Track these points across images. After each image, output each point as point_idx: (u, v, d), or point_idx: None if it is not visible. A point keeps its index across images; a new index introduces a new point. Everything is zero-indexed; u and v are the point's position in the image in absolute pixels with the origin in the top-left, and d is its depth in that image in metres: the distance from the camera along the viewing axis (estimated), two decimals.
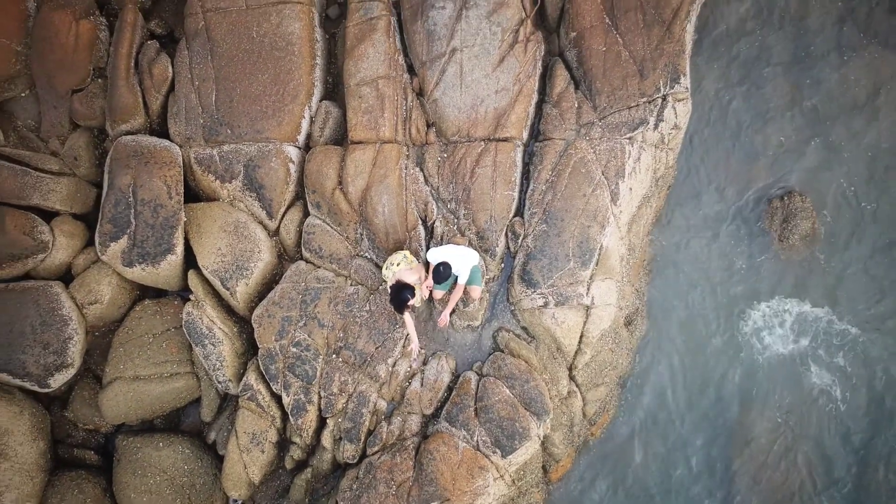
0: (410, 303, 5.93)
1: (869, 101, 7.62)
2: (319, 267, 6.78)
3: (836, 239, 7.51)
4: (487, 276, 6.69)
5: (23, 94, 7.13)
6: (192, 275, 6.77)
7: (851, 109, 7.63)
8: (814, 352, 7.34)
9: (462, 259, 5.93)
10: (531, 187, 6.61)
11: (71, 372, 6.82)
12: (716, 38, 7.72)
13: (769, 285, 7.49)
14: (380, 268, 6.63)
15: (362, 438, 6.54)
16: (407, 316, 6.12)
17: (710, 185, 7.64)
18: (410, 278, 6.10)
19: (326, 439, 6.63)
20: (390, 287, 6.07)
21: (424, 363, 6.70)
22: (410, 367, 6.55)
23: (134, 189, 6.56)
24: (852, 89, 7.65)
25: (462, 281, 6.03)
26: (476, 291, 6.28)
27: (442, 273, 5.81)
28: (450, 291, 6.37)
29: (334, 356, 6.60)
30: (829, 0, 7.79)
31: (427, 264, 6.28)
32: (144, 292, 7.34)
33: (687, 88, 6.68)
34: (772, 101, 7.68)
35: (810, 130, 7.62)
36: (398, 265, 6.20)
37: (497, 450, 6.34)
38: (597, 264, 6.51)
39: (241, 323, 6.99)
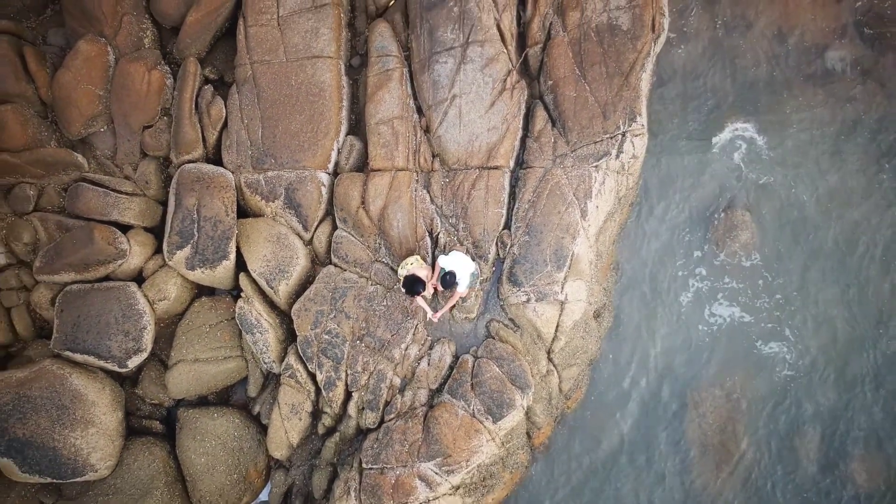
0: (421, 293, 7.50)
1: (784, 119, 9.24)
2: (346, 270, 8.38)
3: (770, 248, 9.13)
4: (481, 278, 8.28)
5: (102, 129, 8.71)
6: (243, 276, 8.37)
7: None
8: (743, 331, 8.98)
9: (464, 270, 7.46)
10: (516, 206, 8.20)
11: (144, 355, 8.42)
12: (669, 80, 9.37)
13: (713, 283, 9.11)
14: (395, 271, 8.22)
15: (381, 408, 8.14)
16: (418, 299, 7.70)
17: (666, 201, 9.27)
18: (421, 273, 7.65)
19: (352, 409, 8.23)
20: (404, 278, 7.60)
21: (431, 348, 8.30)
22: (422, 344, 8.13)
23: (198, 208, 8.17)
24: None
25: (461, 289, 7.55)
26: (468, 293, 7.85)
27: (448, 281, 7.36)
28: (451, 291, 7.92)
29: (358, 342, 8.19)
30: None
31: (433, 266, 7.85)
32: (201, 291, 8.95)
33: (643, 126, 8.27)
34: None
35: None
36: (412, 264, 7.78)
37: (489, 416, 7.93)
38: (569, 268, 8.10)
39: (282, 315, 8.58)
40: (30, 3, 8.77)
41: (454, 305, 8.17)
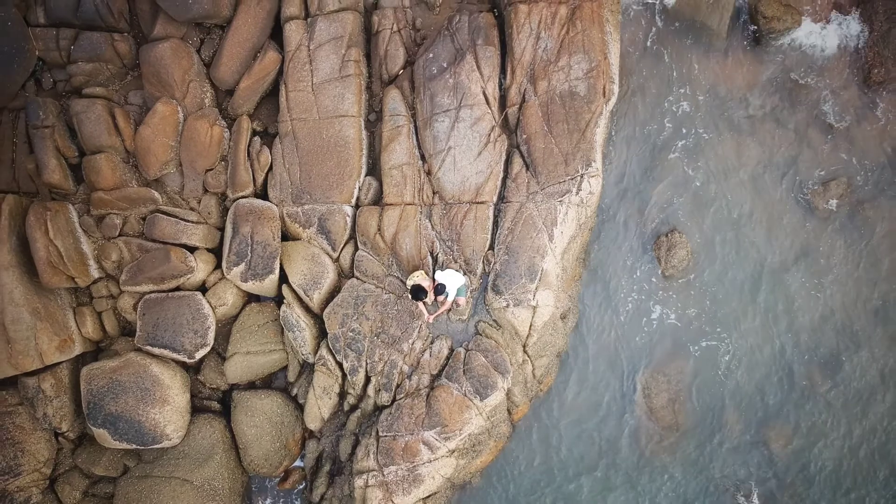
0: (423, 300, 9.82)
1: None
2: (365, 282, 10.72)
3: (702, 263, 11.46)
4: (471, 288, 10.60)
5: (172, 171, 11.05)
6: (285, 287, 10.72)
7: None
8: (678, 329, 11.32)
9: (452, 282, 9.77)
10: (498, 232, 10.52)
11: (208, 349, 10.77)
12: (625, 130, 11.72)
13: (656, 292, 11.44)
14: (404, 282, 10.53)
15: (393, 389, 10.48)
16: (420, 305, 10.03)
17: (621, 223, 11.61)
18: (424, 284, 9.97)
19: (371, 390, 10.57)
20: (411, 288, 9.90)
21: (432, 343, 10.62)
22: (424, 340, 10.47)
23: (252, 234, 10.52)
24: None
25: (449, 298, 9.84)
26: (462, 300, 10.18)
27: (439, 289, 9.68)
28: (446, 298, 10.19)
29: (375, 338, 10.53)
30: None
31: (434, 280, 10.16)
32: (251, 298, 11.30)
33: (597, 169, 10.59)
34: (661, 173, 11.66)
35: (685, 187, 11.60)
36: (417, 277, 10.09)
37: (477, 396, 10.25)
38: (539, 280, 10.41)
39: (316, 317, 10.91)
40: (115, 71, 11.10)
41: (449, 310, 10.51)
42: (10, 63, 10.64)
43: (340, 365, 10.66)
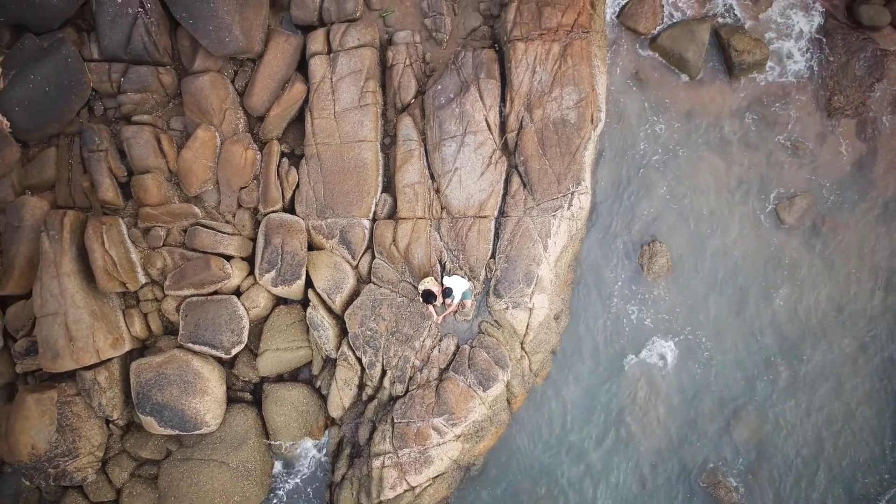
0: (433, 303, 11.22)
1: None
2: (381, 287, 12.13)
3: (680, 269, 12.86)
4: (475, 292, 12.00)
5: (210, 189, 12.47)
6: (311, 291, 12.13)
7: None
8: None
9: (458, 287, 11.17)
10: (499, 243, 11.93)
11: (242, 346, 12.16)
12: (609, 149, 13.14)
13: (639, 295, 12.85)
14: (415, 287, 11.94)
15: (406, 381, 11.89)
16: (430, 307, 11.43)
17: (609, 234, 13.01)
18: (433, 288, 11.36)
19: (387, 382, 11.98)
20: (422, 292, 11.30)
21: (440, 340, 12.03)
22: (434, 338, 11.88)
23: (282, 244, 11.94)
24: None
25: (455, 301, 11.22)
26: (467, 303, 11.61)
27: (446, 293, 11.10)
28: (453, 300, 11.56)
29: (391, 336, 11.94)
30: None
31: (442, 284, 11.56)
32: (280, 301, 12.71)
33: (586, 187, 12.00)
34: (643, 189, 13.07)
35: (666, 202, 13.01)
36: (427, 283, 11.48)
37: (480, 387, 11.65)
38: (535, 285, 11.81)
39: (338, 318, 12.31)
40: (159, 100, 12.53)
41: (456, 311, 11.92)
42: (68, 94, 12.06)
43: (360, 360, 12.07)
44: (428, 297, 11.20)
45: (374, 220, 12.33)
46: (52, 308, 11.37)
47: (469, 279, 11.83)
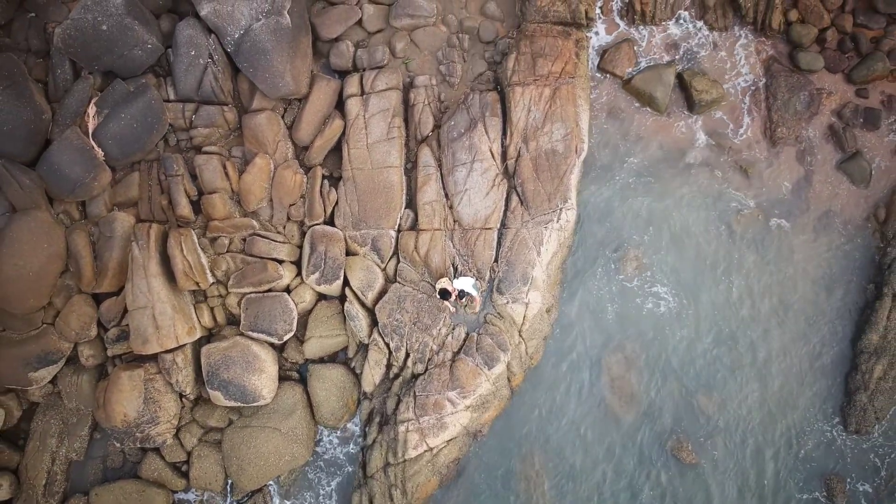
0: (448, 300, 13.98)
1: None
2: (405, 286, 14.90)
3: (651, 270, 15.60)
4: (482, 289, 14.74)
5: (264, 205, 15.25)
6: (348, 289, 14.91)
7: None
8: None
9: (467, 285, 13.90)
10: (501, 250, 14.68)
11: (292, 333, 14.93)
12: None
13: (617, 292, 15.59)
14: (433, 286, 14.68)
15: (426, 362, 14.64)
16: (445, 303, 14.19)
17: (592, 241, 15.76)
18: (448, 287, 14.11)
19: (409, 363, 14.75)
20: (439, 290, 14.04)
21: (453, 329, 14.78)
22: (448, 327, 14.65)
23: (325, 251, 14.72)
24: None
25: (476, 295, 13.92)
26: (476, 300, 14.38)
27: (461, 293, 13.85)
28: (470, 296, 14.29)
29: (413, 325, 14.69)
30: None
31: (454, 286, 14.30)
32: (321, 297, 15.49)
33: (572, 204, 14.74)
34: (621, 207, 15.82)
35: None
36: (443, 282, 14.22)
37: (486, 366, 14.40)
38: (531, 284, 14.56)
39: (370, 311, 15.07)
40: (223, 133, 15.34)
41: (466, 305, 14.68)
42: (151, 129, 14.85)
43: (388, 345, 14.83)
44: (444, 294, 13.96)
45: (399, 231, 15.11)
46: (142, 303, 14.16)
47: (476, 279, 14.60)
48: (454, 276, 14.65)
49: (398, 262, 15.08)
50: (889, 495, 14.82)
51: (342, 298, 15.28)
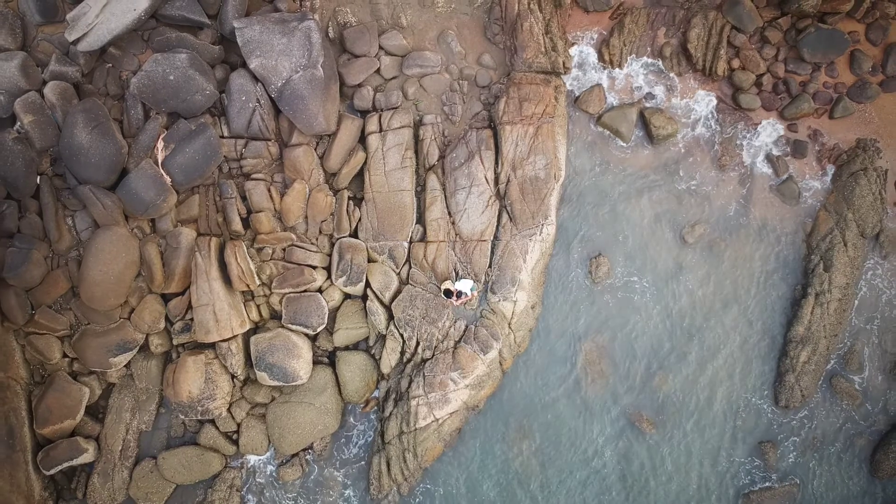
0: (451, 299, 17.36)
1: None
2: (416, 287, 18.28)
3: (617, 274, 18.95)
4: (479, 289, 18.09)
5: (300, 221, 18.66)
6: (369, 290, 18.30)
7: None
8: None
9: (467, 286, 17.29)
10: (494, 258, 18.06)
11: (323, 326, 18.33)
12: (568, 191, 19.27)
13: (589, 292, 18.94)
14: (439, 287, 18.05)
15: (433, 349, 18.02)
16: (448, 301, 17.59)
17: (568, 250, 19.12)
18: (451, 288, 17.49)
19: (420, 349, 18.13)
20: (443, 290, 17.43)
21: (455, 322, 18.14)
22: (451, 320, 18.04)
23: (351, 259, 18.13)
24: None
25: (472, 293, 17.34)
26: (474, 298, 17.73)
27: (462, 293, 17.23)
28: (467, 296, 17.65)
29: (422, 319, 18.07)
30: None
31: (454, 286, 17.66)
32: (347, 296, 18.89)
33: (552, 221, 18.10)
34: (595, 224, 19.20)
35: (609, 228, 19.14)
36: (446, 284, 17.61)
37: (482, 352, 17.76)
38: (518, 286, 17.92)
39: (387, 308, 18.45)
40: (268, 162, 18.75)
41: (466, 303, 18.05)
42: (209, 160, 18.24)
43: (402, 335, 18.21)
44: (447, 294, 17.36)
45: (410, 242, 18.50)
46: (205, 301, 17.58)
47: (474, 281, 17.99)
48: (456, 279, 18.02)
49: (410, 267, 18.46)
50: (813, 455, 18.20)
51: (364, 297, 18.66)
